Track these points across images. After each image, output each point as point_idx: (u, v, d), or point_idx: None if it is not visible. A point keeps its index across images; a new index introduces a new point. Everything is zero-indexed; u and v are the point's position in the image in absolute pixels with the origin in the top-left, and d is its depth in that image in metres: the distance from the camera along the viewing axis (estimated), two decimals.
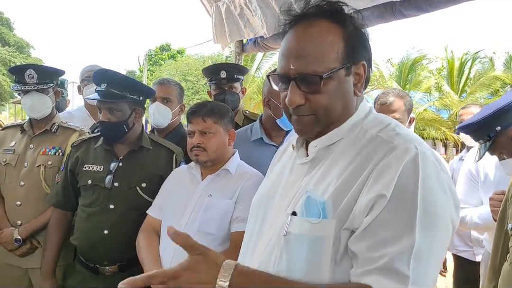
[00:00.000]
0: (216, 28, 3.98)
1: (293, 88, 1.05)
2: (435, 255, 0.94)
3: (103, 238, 2.13)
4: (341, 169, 1.02)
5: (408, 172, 0.95)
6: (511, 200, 1.85)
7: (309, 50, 1.03)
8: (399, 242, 0.91)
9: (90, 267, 2.19)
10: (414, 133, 1.07)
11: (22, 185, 2.47)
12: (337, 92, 1.05)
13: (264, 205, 1.17)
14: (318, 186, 1.03)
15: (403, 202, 0.93)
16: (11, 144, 2.57)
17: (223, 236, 1.88)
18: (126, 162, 2.23)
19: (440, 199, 0.97)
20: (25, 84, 2.48)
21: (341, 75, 1.05)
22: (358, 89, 1.09)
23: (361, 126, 1.08)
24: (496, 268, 1.85)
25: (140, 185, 2.18)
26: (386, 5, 2.43)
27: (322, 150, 1.10)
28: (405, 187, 0.94)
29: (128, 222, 2.14)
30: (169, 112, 2.68)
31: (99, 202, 2.18)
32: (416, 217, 0.92)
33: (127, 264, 2.16)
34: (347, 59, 1.05)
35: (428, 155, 0.99)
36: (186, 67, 29.92)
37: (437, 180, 0.97)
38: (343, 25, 1.06)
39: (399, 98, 2.58)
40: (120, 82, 2.20)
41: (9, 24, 37.57)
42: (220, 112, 2.00)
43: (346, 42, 1.05)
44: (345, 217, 0.97)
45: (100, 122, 2.20)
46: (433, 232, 0.94)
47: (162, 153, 2.29)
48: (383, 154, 0.98)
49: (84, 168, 2.24)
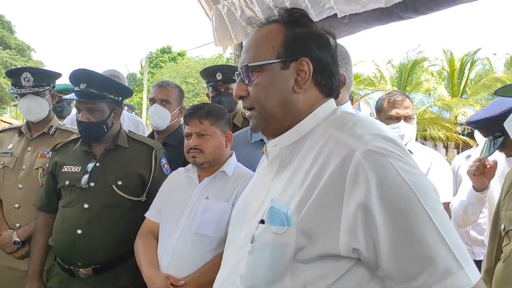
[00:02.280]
0: (217, 31, 3.99)
1: (238, 81, 1.14)
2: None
3: (76, 238, 2.12)
4: (304, 174, 1.01)
5: (387, 176, 0.93)
6: (503, 202, 1.85)
7: (250, 45, 1.13)
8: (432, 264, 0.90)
9: (66, 269, 2.18)
10: (374, 127, 1.05)
11: (20, 188, 2.47)
12: (270, 85, 1.09)
13: (242, 210, 1.19)
14: (283, 193, 1.04)
15: (405, 213, 0.91)
16: (9, 147, 2.58)
17: (220, 238, 1.87)
18: (102, 162, 2.23)
19: (424, 179, 0.97)
20: (21, 88, 2.49)
21: (275, 69, 1.08)
22: (299, 86, 1.09)
23: (322, 127, 1.08)
24: (492, 271, 1.85)
25: (116, 183, 2.17)
26: (383, 8, 2.44)
27: (287, 151, 1.11)
28: (394, 193, 0.92)
29: (104, 221, 2.14)
30: (167, 114, 2.68)
31: (75, 202, 2.18)
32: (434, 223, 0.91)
33: (102, 267, 2.14)
34: (284, 54, 1.08)
35: (387, 147, 0.96)
36: (186, 69, 30.01)
37: (410, 165, 0.96)
38: (289, 26, 1.11)
39: (407, 98, 2.69)
40: (99, 82, 2.21)
41: (10, 27, 37.69)
42: (217, 114, 2.01)
43: (285, 38, 1.09)
44: (310, 226, 0.96)
45: (79, 122, 2.20)
46: (446, 222, 0.94)
47: (141, 150, 2.29)
48: (342, 158, 0.96)
49: (63, 169, 2.26)
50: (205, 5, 4.10)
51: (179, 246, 1.88)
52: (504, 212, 1.82)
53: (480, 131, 2.22)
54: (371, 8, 2.44)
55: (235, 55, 4.20)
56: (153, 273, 1.86)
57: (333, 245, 0.94)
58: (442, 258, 0.90)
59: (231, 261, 1.12)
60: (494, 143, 2.12)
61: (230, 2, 3.68)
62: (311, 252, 0.96)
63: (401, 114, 2.60)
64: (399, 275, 0.92)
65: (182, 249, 1.87)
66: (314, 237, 0.96)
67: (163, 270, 1.87)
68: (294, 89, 1.09)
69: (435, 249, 0.90)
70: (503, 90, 2.00)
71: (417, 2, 2.31)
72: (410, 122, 2.62)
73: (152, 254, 1.95)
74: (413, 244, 0.90)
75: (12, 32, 37.58)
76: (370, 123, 1.08)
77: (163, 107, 2.68)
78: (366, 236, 0.92)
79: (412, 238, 0.90)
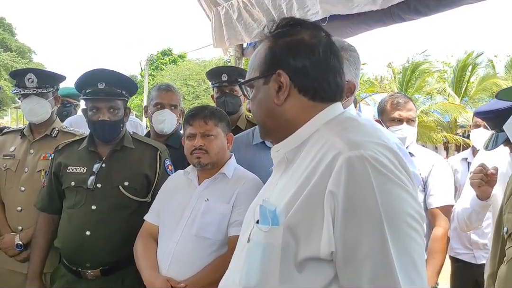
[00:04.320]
0: (215, 33, 3.99)
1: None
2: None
3: (85, 239, 2.12)
4: (298, 176, 1.04)
5: (358, 180, 0.94)
6: (506, 205, 1.85)
7: (249, 64, 1.21)
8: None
9: (73, 270, 2.17)
10: (372, 134, 1.06)
11: (22, 190, 2.47)
12: (258, 100, 1.17)
13: (251, 211, 1.20)
14: (280, 194, 1.07)
15: (364, 216, 0.93)
16: (11, 149, 2.57)
17: (220, 240, 1.87)
18: (108, 162, 2.23)
19: (402, 201, 0.95)
20: (25, 88, 2.49)
21: (259, 84, 1.16)
22: (278, 97, 1.12)
23: (321, 132, 1.10)
24: (495, 276, 1.84)
25: (123, 183, 2.18)
26: (385, 9, 2.44)
27: (292, 154, 1.13)
28: (359, 197, 0.93)
29: (111, 223, 2.14)
30: (175, 119, 2.69)
31: (81, 203, 2.18)
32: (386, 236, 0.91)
33: (110, 268, 2.15)
34: (266, 69, 1.14)
35: (376, 156, 0.96)
36: (187, 72, 30.00)
37: (394, 182, 0.96)
38: (274, 40, 1.15)
39: (410, 100, 2.68)
40: (118, 81, 2.23)
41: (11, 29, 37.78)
42: (220, 116, 2.02)
43: (266, 54, 1.14)
44: (297, 225, 0.98)
45: (99, 122, 2.18)
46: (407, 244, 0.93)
47: (146, 151, 2.29)
48: (330, 160, 0.98)
49: (68, 170, 2.25)
50: (206, 7, 4.10)
51: (179, 248, 1.87)
52: (507, 215, 1.81)
53: (487, 123, 2.21)
54: (361, 10, 2.44)
55: (236, 57, 4.20)
56: (153, 276, 1.86)
57: (316, 247, 0.96)
58: (375, 281, 0.91)
59: (235, 261, 1.16)
60: (500, 137, 2.10)
61: (229, 4, 3.68)
62: (297, 254, 0.97)
63: (403, 117, 2.59)
64: (344, 283, 0.95)
65: (183, 252, 1.87)
66: (300, 237, 0.97)
67: (163, 273, 1.86)
68: (274, 101, 1.13)
69: (372, 270, 0.91)
70: (504, 94, 1.99)
71: (419, 3, 2.30)
72: (413, 125, 2.62)
73: (152, 257, 1.95)
74: (354, 257, 0.92)
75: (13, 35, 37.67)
76: (371, 129, 1.09)
77: (172, 112, 2.67)
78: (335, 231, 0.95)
79: (355, 251, 0.92)
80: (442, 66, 23.67)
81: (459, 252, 3.07)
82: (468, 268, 2.97)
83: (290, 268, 0.98)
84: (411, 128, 2.60)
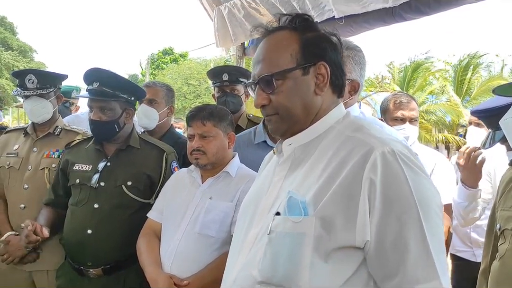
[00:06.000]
0: (218, 32, 4.00)
1: (257, 91, 1.17)
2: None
3: (86, 237, 2.13)
4: (321, 170, 1.07)
5: (394, 173, 1.01)
6: (499, 202, 1.87)
7: (266, 55, 1.17)
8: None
9: (76, 268, 2.19)
10: (386, 133, 1.15)
11: (26, 188, 2.48)
12: (294, 91, 1.14)
13: (252, 208, 1.21)
14: (300, 187, 1.09)
15: (403, 211, 0.99)
16: (15, 147, 2.58)
17: (223, 238, 1.88)
18: (113, 161, 2.24)
19: (431, 193, 1.04)
20: (26, 89, 2.51)
21: (297, 75, 1.14)
22: (320, 88, 1.15)
23: (338, 129, 1.15)
24: (488, 271, 1.87)
25: (126, 183, 2.19)
26: (386, 9, 2.45)
27: (300, 150, 1.17)
28: (397, 191, 1.00)
29: (113, 221, 2.15)
30: (155, 114, 2.68)
31: (85, 201, 2.19)
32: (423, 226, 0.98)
33: (112, 268, 2.15)
34: (303, 61, 1.13)
35: (405, 152, 1.04)
36: (188, 71, 29.99)
37: (422, 176, 1.04)
38: (300, 32, 1.16)
39: (412, 100, 2.70)
40: (112, 81, 2.23)
41: (12, 28, 37.76)
42: (220, 116, 2.01)
43: (302, 45, 1.14)
44: (329, 216, 1.01)
45: (91, 121, 2.22)
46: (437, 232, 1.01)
47: (152, 152, 2.30)
48: (362, 154, 1.03)
49: (75, 167, 2.27)
50: (207, 6, 4.11)
51: (182, 246, 1.88)
52: (499, 212, 1.84)
53: (483, 122, 2.22)
54: (374, 8, 2.44)
55: (237, 56, 4.21)
56: (157, 273, 1.87)
57: (350, 236, 1.00)
58: (418, 265, 0.97)
59: (242, 257, 1.14)
60: (497, 135, 2.11)
61: (232, 3, 3.69)
62: (328, 244, 1.01)
63: (406, 116, 2.60)
64: (380, 271, 1.01)
65: (186, 249, 1.88)
66: (332, 227, 1.01)
67: (166, 270, 1.88)
68: (316, 92, 1.15)
69: (415, 256, 0.97)
70: (500, 89, 2.00)
71: (420, 3, 2.31)
72: (415, 124, 2.63)
73: (155, 254, 1.96)
74: (396, 245, 0.98)
75: (15, 34, 37.65)
76: (381, 128, 1.15)
77: (150, 107, 2.68)
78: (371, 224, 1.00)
79: (397, 240, 0.98)
80: (444, 66, 23.64)
81: (460, 250, 3.08)
82: (468, 266, 2.98)
83: (319, 258, 1.01)
84: (413, 127, 2.61)
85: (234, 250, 1.21)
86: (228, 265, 1.21)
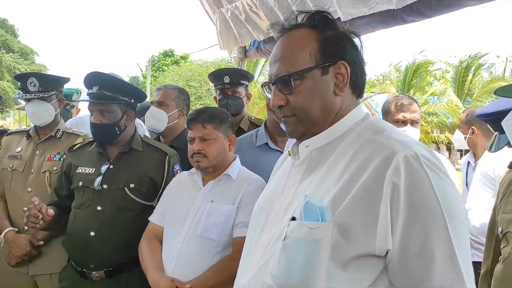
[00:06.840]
0: (221, 35, 4.01)
1: (274, 91, 1.13)
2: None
3: (89, 240, 2.14)
4: (339, 173, 1.02)
5: (419, 178, 0.96)
6: (500, 206, 1.86)
7: (284, 54, 1.12)
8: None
9: (79, 271, 2.19)
10: (409, 136, 1.10)
11: (29, 191, 2.48)
12: (312, 91, 1.09)
13: (265, 211, 1.18)
14: (317, 191, 1.04)
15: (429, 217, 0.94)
16: (17, 150, 2.59)
17: (225, 242, 1.88)
18: (116, 164, 2.25)
19: (457, 200, 0.99)
20: (28, 92, 2.51)
21: (316, 75, 1.09)
22: (340, 89, 1.11)
23: (357, 131, 1.09)
24: (489, 274, 1.86)
25: (129, 185, 2.19)
26: (387, 11, 2.45)
27: (317, 152, 1.12)
28: (423, 197, 0.95)
29: (116, 224, 2.15)
30: (163, 115, 2.68)
31: (88, 204, 2.20)
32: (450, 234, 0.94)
33: (114, 270, 2.15)
34: (322, 60, 1.09)
35: (429, 156, 0.99)
36: (189, 73, 30.06)
37: (447, 181, 0.99)
38: (319, 30, 1.11)
39: (414, 102, 2.68)
40: (112, 85, 2.23)
41: (14, 31, 37.85)
42: (220, 118, 2.01)
43: (320, 44, 1.09)
44: (348, 222, 0.97)
45: (92, 124, 2.23)
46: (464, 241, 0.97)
47: (155, 155, 2.30)
48: (383, 158, 0.98)
49: (78, 170, 2.28)
50: (208, 9, 4.12)
51: (184, 249, 1.88)
52: (501, 215, 1.83)
53: (489, 125, 2.20)
54: (379, 10, 2.44)
55: (238, 58, 4.21)
56: (159, 277, 1.86)
57: (369, 244, 0.95)
58: (444, 275, 0.93)
59: (255, 261, 1.10)
60: (502, 138, 2.09)
61: (234, 6, 3.70)
62: (346, 251, 0.96)
63: (408, 118, 2.60)
64: (403, 281, 0.95)
65: (187, 253, 1.87)
66: (350, 234, 0.96)
67: (168, 274, 1.87)
68: (335, 92, 1.10)
69: (441, 265, 0.93)
70: (503, 90, 1.99)
71: (422, 5, 2.30)
72: (417, 127, 2.63)
73: (157, 257, 1.95)
74: (421, 253, 0.93)
75: (16, 36, 37.74)
76: (400, 131, 1.12)
77: (159, 109, 2.68)
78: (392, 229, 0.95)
79: (423, 248, 0.93)
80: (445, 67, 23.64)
81: None
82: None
83: (336, 266, 0.97)
84: (415, 130, 2.61)
85: (246, 254, 1.18)
86: (240, 270, 1.18)
